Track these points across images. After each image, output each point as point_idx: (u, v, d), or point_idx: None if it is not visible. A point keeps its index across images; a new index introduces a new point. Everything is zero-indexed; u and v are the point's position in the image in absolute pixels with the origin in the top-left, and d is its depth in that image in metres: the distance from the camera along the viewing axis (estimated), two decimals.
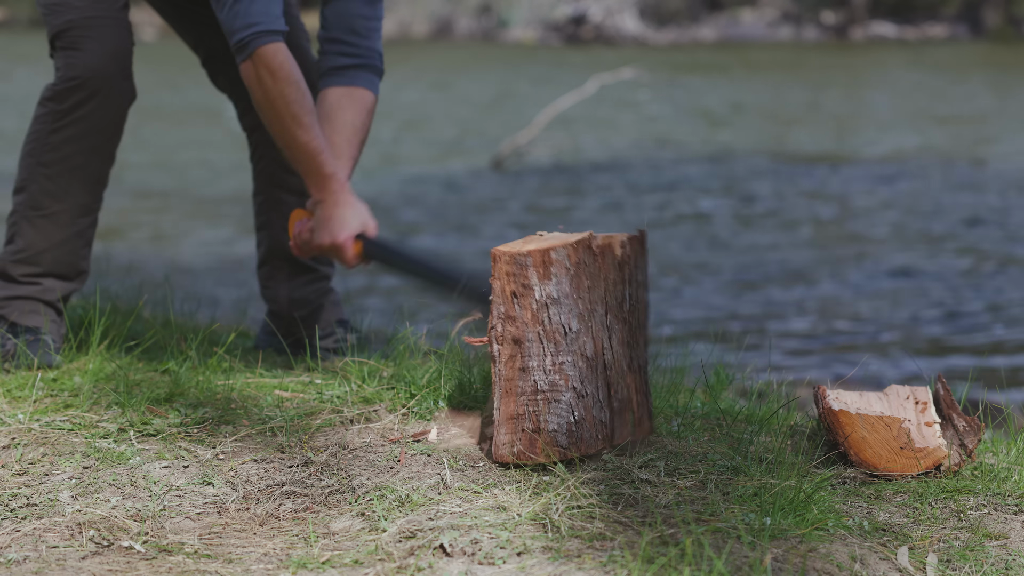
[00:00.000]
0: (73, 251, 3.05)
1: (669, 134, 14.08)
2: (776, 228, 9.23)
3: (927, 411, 2.44)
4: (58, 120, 2.99)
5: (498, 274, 2.27)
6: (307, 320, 3.28)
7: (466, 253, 8.49)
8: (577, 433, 2.28)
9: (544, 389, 2.27)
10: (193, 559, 2.02)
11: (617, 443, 2.36)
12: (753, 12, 32.05)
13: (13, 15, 36.52)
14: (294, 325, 3.29)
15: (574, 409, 2.28)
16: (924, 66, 22.11)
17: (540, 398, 2.27)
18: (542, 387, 2.27)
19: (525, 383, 2.27)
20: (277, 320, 3.32)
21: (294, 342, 3.28)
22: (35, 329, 3.01)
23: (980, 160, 12.20)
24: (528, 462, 2.28)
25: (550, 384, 2.27)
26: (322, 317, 3.29)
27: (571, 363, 2.27)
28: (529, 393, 2.27)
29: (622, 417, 2.36)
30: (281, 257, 3.26)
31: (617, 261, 2.31)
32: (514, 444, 2.28)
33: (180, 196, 10.57)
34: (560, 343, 2.26)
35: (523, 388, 2.27)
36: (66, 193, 3.01)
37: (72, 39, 2.96)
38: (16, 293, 3.04)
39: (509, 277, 2.26)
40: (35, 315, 3.03)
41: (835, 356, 6.04)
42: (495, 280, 2.28)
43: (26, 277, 3.04)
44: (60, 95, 2.98)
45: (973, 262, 8.07)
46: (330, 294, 3.32)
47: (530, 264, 2.25)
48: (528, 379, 2.27)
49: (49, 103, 3.00)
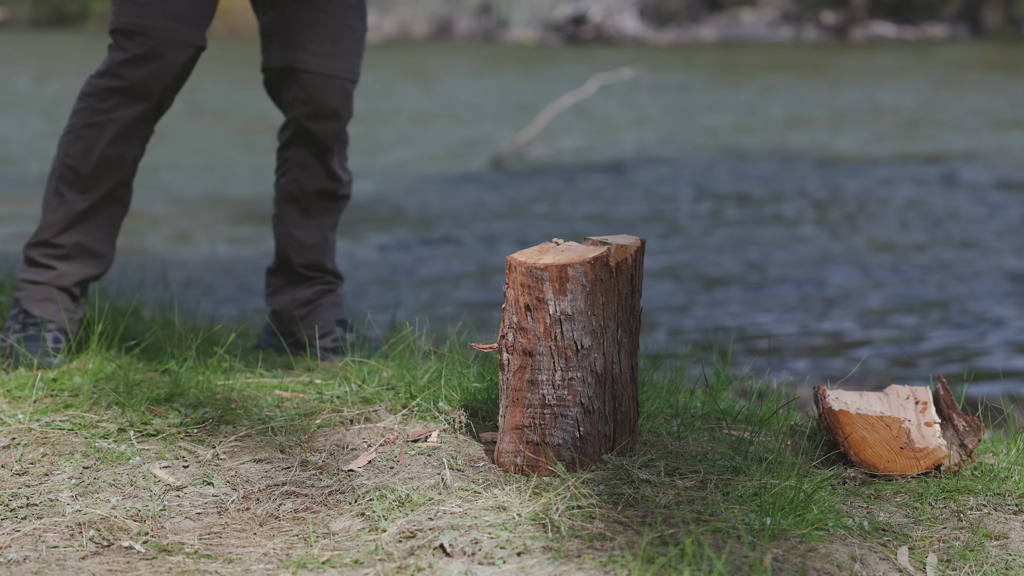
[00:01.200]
0: (91, 236, 3.07)
1: (669, 134, 14.08)
2: (776, 228, 9.23)
3: (927, 411, 2.44)
4: (94, 116, 3.01)
5: (512, 284, 2.25)
6: (307, 320, 3.30)
7: (466, 253, 8.49)
8: (581, 447, 2.28)
9: (552, 403, 2.26)
10: (193, 559, 2.02)
11: (616, 450, 2.36)
12: (753, 12, 32.05)
13: (13, 15, 36.51)
14: (295, 325, 3.30)
15: (580, 424, 2.27)
16: (926, 67, 22.11)
17: (547, 412, 2.26)
18: (550, 401, 2.26)
19: (533, 396, 2.26)
20: (278, 320, 3.34)
21: (294, 342, 3.30)
22: (41, 321, 3.03)
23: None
24: (530, 474, 2.28)
25: (558, 399, 2.26)
26: (322, 317, 3.30)
27: (580, 379, 2.26)
28: (536, 406, 2.26)
29: (623, 427, 2.36)
30: (291, 269, 3.32)
31: (629, 273, 2.30)
32: (518, 454, 2.28)
33: (175, 192, 10.58)
34: (571, 359, 2.25)
35: (530, 400, 2.26)
36: (91, 182, 3.04)
37: (133, 46, 2.96)
38: (33, 277, 3.08)
39: (524, 288, 2.24)
40: (47, 303, 3.06)
41: (834, 356, 6.05)
42: (508, 289, 2.27)
43: (44, 258, 3.07)
44: (103, 94, 3.00)
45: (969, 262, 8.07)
46: (330, 294, 3.33)
47: (546, 279, 2.22)
48: (536, 392, 2.26)
49: (89, 99, 3.02)
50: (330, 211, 3.30)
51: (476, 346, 2.45)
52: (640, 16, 30.54)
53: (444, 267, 8.05)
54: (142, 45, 2.94)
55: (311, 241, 3.29)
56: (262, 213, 9.28)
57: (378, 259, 7.82)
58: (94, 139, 3.01)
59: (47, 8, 36.31)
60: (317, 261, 3.32)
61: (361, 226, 9.08)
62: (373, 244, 8.46)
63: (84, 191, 3.05)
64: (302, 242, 3.29)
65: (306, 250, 3.30)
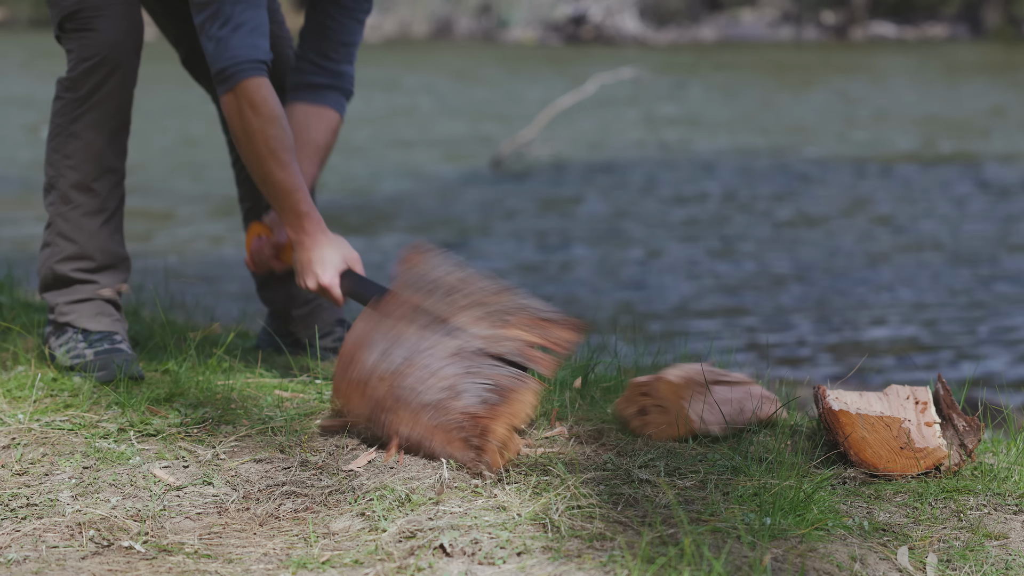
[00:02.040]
0: (111, 237, 2.99)
1: (669, 134, 14.08)
2: (776, 226, 9.23)
3: (927, 411, 2.44)
4: (77, 108, 2.92)
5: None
6: (306, 319, 3.26)
7: (466, 252, 8.49)
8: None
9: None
10: (193, 559, 2.02)
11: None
12: (753, 12, 32.05)
13: (13, 15, 36.52)
14: (293, 324, 3.27)
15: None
16: (929, 67, 22.12)
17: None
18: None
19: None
20: (276, 321, 3.30)
21: (294, 342, 3.27)
22: (109, 334, 2.94)
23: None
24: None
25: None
26: (321, 316, 3.27)
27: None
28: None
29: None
30: None
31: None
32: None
33: (174, 193, 10.57)
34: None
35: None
36: (94, 180, 2.95)
37: (84, 20, 2.89)
38: (77, 296, 2.97)
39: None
40: (103, 317, 2.96)
41: (835, 356, 6.05)
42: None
43: (80, 273, 2.97)
44: (76, 81, 2.91)
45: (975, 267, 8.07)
46: None
47: None
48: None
49: (66, 94, 2.93)
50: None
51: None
52: (640, 16, 30.54)
53: None
54: (85, 9, 2.87)
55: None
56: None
57: (378, 259, 7.82)
58: (84, 132, 2.92)
59: (47, 8, 36.26)
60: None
61: (360, 226, 9.08)
62: (373, 244, 8.46)
63: (87, 190, 2.95)
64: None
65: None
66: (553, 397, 2.69)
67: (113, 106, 2.92)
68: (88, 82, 2.90)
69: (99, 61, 2.88)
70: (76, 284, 2.98)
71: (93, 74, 2.89)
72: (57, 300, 2.98)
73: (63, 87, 2.94)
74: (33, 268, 3.36)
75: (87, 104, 2.91)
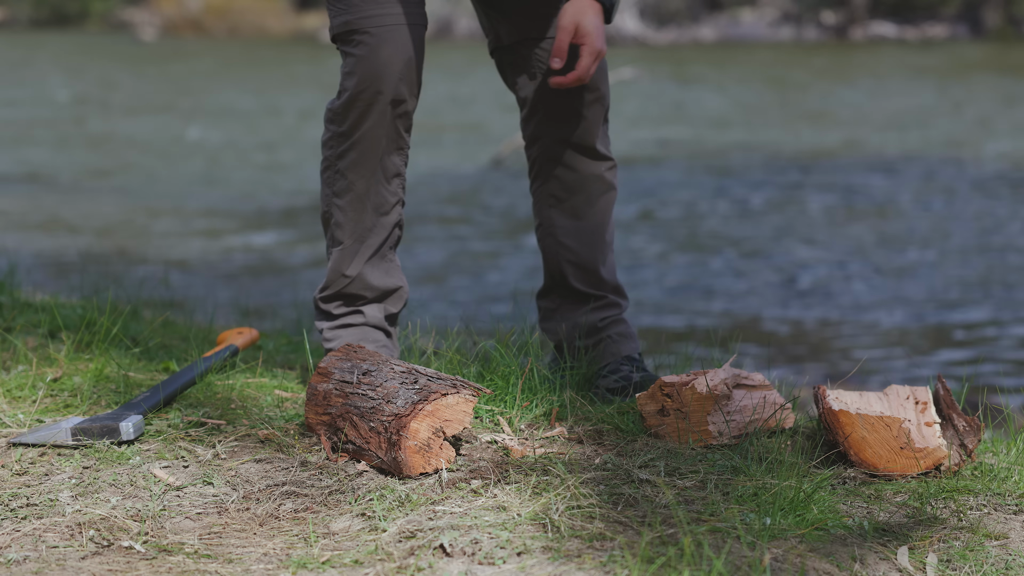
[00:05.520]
0: (372, 273, 2.84)
1: (669, 134, 14.08)
2: (776, 226, 9.23)
3: (927, 411, 2.44)
4: (341, 143, 2.73)
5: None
6: (591, 354, 2.91)
7: (466, 252, 8.49)
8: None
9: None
10: (193, 559, 2.02)
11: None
12: (753, 12, 32.05)
13: (13, 15, 36.54)
14: (577, 357, 2.93)
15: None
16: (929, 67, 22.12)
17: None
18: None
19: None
20: (559, 355, 2.98)
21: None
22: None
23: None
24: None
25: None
26: (609, 351, 2.91)
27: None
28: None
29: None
30: (563, 287, 2.97)
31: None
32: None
33: (178, 199, 10.57)
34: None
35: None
36: (355, 223, 2.80)
37: (352, 42, 2.66)
38: (340, 323, 2.88)
39: None
40: (366, 343, 2.81)
41: (835, 356, 6.05)
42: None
43: (340, 309, 2.87)
44: (338, 115, 2.72)
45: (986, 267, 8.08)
46: (620, 324, 2.96)
47: None
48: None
49: (331, 125, 2.75)
50: (600, 204, 2.93)
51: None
52: (640, 16, 30.54)
53: (443, 266, 8.05)
54: (356, 32, 2.65)
55: (585, 249, 2.91)
56: (264, 212, 9.29)
57: None
58: (348, 171, 2.74)
59: (47, 8, 36.33)
60: (593, 272, 2.93)
61: None
62: None
63: (350, 232, 2.78)
64: (574, 251, 2.91)
65: (581, 261, 2.92)
66: (553, 397, 2.69)
67: (371, 146, 2.72)
68: (348, 119, 2.70)
69: (353, 97, 2.66)
70: (339, 318, 2.89)
71: (351, 111, 2.69)
72: (322, 325, 2.91)
73: (328, 117, 2.77)
74: (33, 268, 3.35)
75: (348, 141, 2.72)
